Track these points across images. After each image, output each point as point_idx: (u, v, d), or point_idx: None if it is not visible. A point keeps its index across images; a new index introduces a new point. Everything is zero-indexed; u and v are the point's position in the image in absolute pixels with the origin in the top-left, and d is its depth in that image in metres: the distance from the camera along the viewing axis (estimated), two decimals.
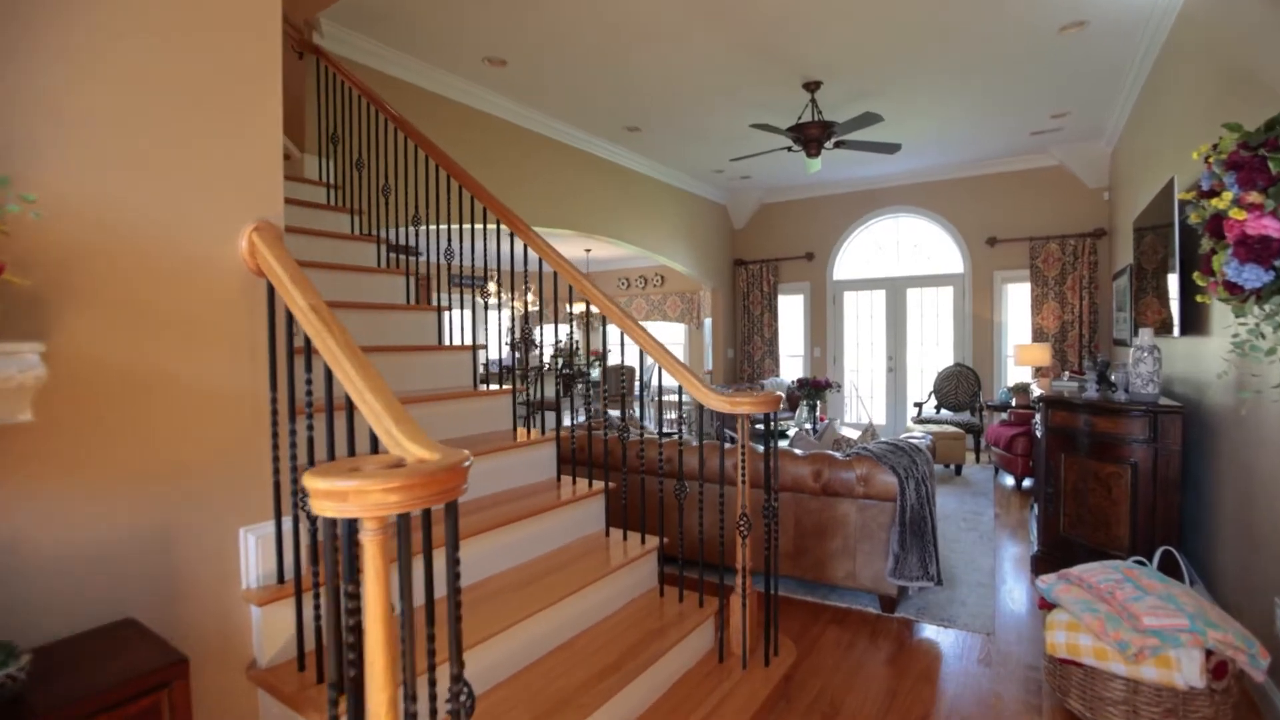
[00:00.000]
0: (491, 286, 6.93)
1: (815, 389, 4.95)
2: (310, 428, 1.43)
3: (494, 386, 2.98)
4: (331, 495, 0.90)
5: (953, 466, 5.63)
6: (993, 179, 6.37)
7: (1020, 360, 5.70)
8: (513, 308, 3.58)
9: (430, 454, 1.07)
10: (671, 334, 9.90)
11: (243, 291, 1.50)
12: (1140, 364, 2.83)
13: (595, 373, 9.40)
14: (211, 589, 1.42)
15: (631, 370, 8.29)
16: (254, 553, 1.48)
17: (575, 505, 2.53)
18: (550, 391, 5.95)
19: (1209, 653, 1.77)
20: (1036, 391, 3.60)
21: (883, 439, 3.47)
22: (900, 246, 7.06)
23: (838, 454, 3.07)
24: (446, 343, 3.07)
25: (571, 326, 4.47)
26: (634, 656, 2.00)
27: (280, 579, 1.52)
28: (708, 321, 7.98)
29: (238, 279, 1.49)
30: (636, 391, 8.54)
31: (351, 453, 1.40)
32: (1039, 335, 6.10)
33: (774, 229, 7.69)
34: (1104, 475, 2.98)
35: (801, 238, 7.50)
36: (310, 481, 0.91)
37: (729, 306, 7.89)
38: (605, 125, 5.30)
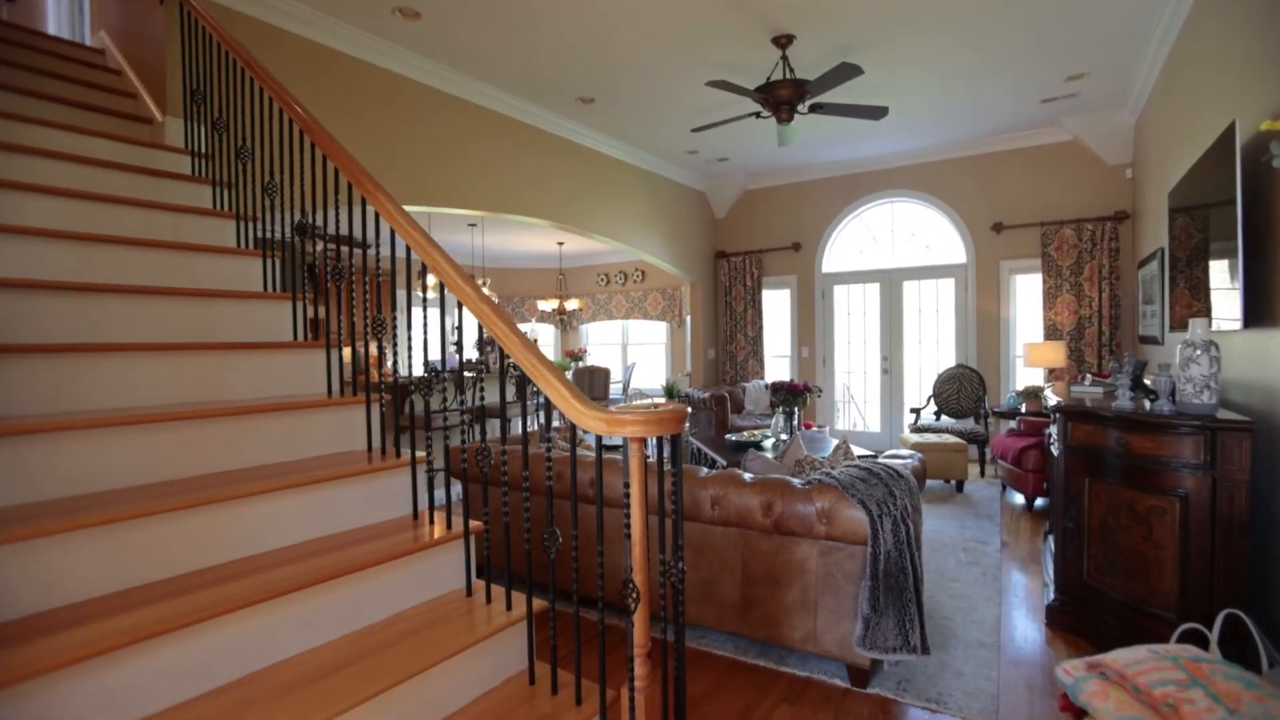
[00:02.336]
0: (431, 279, 6.31)
1: (792, 394, 4.29)
2: None
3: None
4: None
5: (953, 482, 4.93)
6: (998, 157, 5.67)
7: (1030, 361, 4.99)
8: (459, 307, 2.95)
9: None
10: (653, 333, 9.23)
11: None
12: (1192, 365, 2.14)
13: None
14: None
15: (606, 372, 7.64)
16: None
17: (426, 554, 1.89)
18: (491, 397, 5.30)
19: None
20: (1052, 399, 2.92)
21: (858, 459, 2.79)
22: (895, 235, 6.37)
23: (796, 480, 2.40)
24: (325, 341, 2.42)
25: (511, 327, 3.84)
26: None
27: None
28: (689, 319, 7.32)
29: None
30: (613, 395, 7.88)
31: None
32: (1052, 332, 5.39)
33: (758, 218, 7.02)
34: (1142, 509, 2.29)
35: (787, 227, 6.83)
36: None
37: (710, 302, 7.23)
38: (554, 96, 4.66)
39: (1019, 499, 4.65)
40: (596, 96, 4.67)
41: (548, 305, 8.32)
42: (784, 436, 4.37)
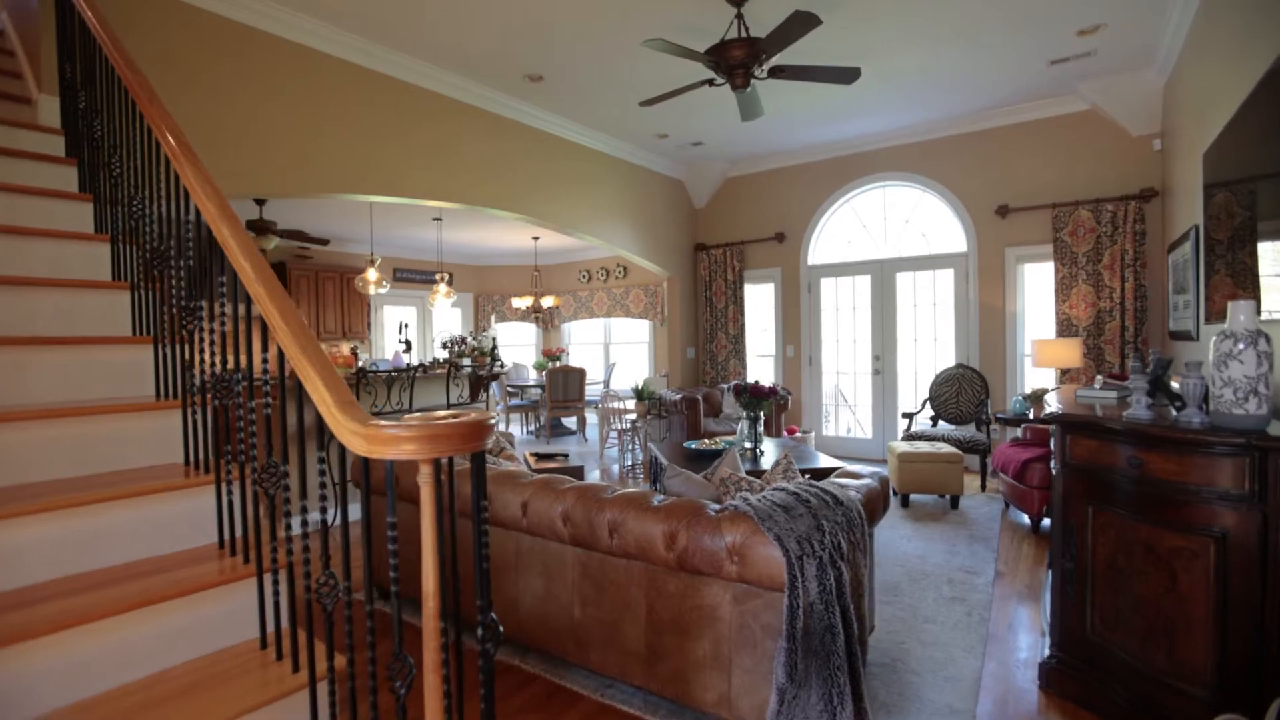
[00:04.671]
0: (372, 274, 5.87)
1: (756, 397, 3.76)
2: None
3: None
4: None
5: (947, 498, 4.35)
6: (1003, 132, 5.07)
7: (1040, 360, 4.39)
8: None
9: None
10: (635, 331, 8.74)
11: None
12: (1231, 363, 1.59)
13: (524, 373, 8.30)
14: None
15: (581, 372, 7.16)
16: None
17: (208, 595, 1.52)
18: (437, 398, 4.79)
19: None
20: (1054, 405, 2.36)
21: (800, 478, 2.27)
22: (888, 222, 5.79)
23: (713, 506, 1.89)
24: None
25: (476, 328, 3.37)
26: None
27: None
28: (668, 316, 6.81)
29: None
30: (588, 398, 7.40)
31: None
32: (1066, 328, 4.77)
33: (739, 207, 6.49)
34: (1163, 551, 1.74)
35: (770, 215, 6.28)
36: None
37: (689, 298, 6.71)
38: (499, 75, 4.21)
39: (1024, 519, 4.06)
40: (545, 74, 4.20)
41: (522, 303, 7.88)
42: (747, 444, 3.84)
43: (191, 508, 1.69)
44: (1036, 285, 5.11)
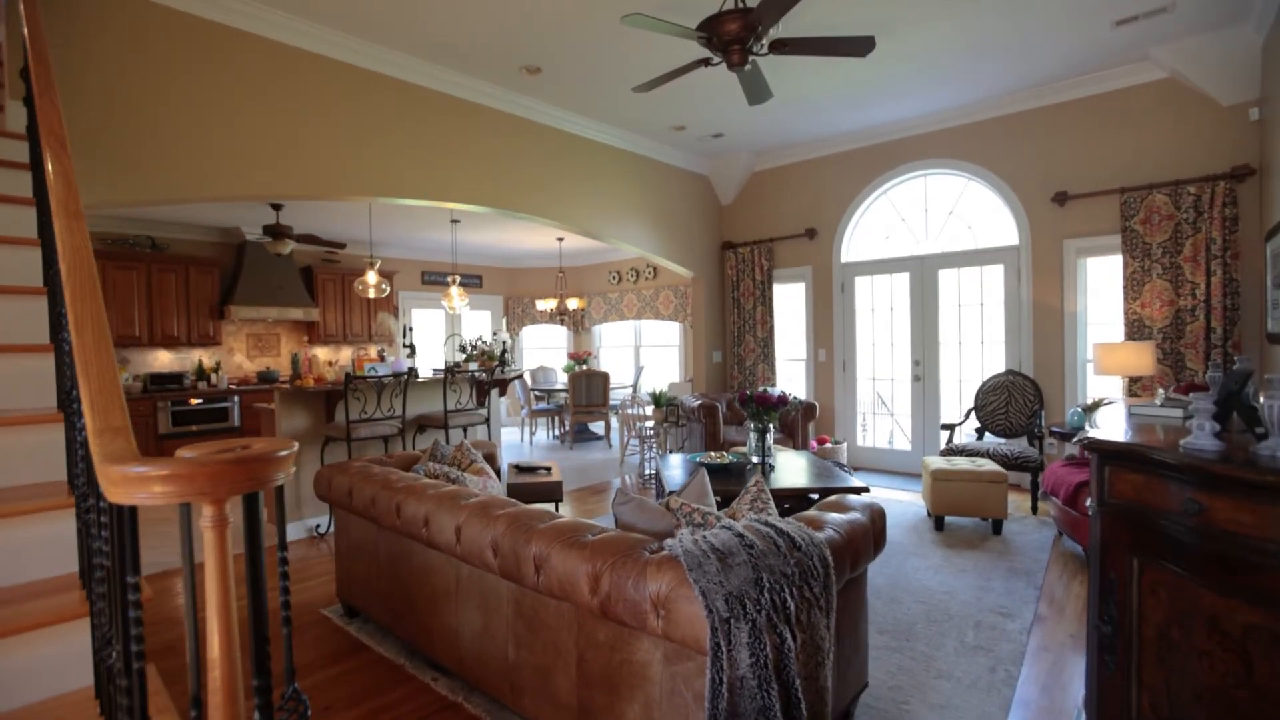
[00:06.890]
0: (371, 277, 5.82)
1: (763, 407, 3.42)
2: None
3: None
4: None
5: (989, 521, 3.84)
6: (1060, 110, 4.46)
7: (1103, 366, 3.80)
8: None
9: None
10: (666, 334, 8.46)
11: None
12: None
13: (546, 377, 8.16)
14: None
15: (604, 376, 6.97)
16: None
17: (56, 630, 1.37)
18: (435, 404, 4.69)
19: None
20: (1097, 428, 1.92)
21: (773, 509, 1.95)
22: (930, 215, 5.25)
23: (651, 545, 1.62)
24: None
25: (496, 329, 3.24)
26: None
27: None
28: (693, 318, 6.51)
29: None
30: (611, 403, 7.20)
31: None
32: (1137, 330, 4.13)
33: (767, 202, 6.10)
34: (1233, 627, 1.32)
35: (800, 210, 5.86)
36: None
37: (715, 299, 6.38)
38: (494, 68, 4.07)
39: (1079, 549, 3.50)
40: (542, 65, 4.02)
41: (547, 305, 7.76)
42: (754, 459, 3.50)
43: (69, 531, 1.57)
44: (1101, 281, 4.46)
